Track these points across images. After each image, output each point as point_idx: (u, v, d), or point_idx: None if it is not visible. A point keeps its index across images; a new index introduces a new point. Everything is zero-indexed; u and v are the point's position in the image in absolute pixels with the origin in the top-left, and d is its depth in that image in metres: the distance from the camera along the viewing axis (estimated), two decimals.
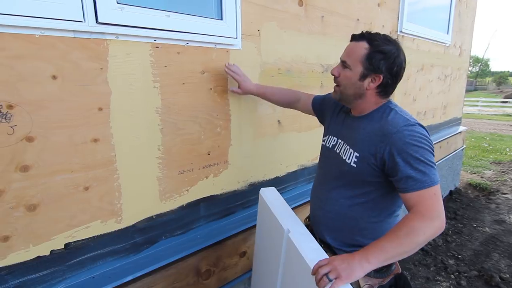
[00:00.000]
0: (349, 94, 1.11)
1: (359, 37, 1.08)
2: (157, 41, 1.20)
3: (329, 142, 1.24)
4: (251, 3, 1.50)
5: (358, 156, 1.05)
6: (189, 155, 1.39)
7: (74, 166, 1.07)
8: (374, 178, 1.05)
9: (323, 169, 1.25)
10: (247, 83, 1.45)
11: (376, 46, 1.02)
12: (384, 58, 1.02)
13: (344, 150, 1.12)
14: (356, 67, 1.06)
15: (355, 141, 1.09)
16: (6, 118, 0.92)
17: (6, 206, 0.96)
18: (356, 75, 1.06)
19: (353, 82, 1.08)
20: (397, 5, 2.68)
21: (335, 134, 1.22)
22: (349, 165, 1.08)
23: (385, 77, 1.04)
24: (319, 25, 1.90)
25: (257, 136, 1.67)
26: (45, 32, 0.95)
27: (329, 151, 1.21)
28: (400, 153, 0.95)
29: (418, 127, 0.99)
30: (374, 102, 1.10)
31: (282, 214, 1.18)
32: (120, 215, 1.21)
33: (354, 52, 1.06)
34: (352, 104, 1.15)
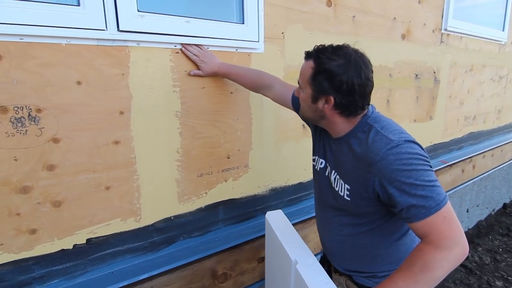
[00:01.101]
0: (310, 117, 1.01)
1: (307, 55, 0.94)
2: (177, 47, 1.23)
3: (317, 163, 1.13)
4: (275, 5, 1.47)
5: (350, 189, 0.94)
6: (208, 159, 1.41)
7: (96, 166, 1.13)
8: (373, 208, 0.94)
9: (319, 193, 1.15)
10: (208, 64, 1.28)
11: (320, 64, 0.89)
12: (327, 78, 0.87)
13: (334, 180, 1.01)
14: (306, 89, 0.95)
15: (342, 171, 0.97)
16: (35, 121, 1.00)
17: (33, 202, 1.04)
18: (308, 97, 0.95)
19: (308, 105, 0.97)
20: (441, 1, 2.48)
21: (322, 156, 1.10)
22: (343, 198, 0.97)
23: (336, 97, 0.89)
24: (349, 26, 1.82)
25: (280, 140, 1.65)
26: (71, 41, 1.02)
27: (320, 176, 1.10)
28: (391, 183, 0.82)
29: (403, 145, 0.83)
30: (345, 122, 0.95)
31: (289, 241, 1.12)
32: (139, 214, 1.26)
33: (303, 73, 0.95)
34: (322, 125, 1.02)
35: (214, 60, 1.30)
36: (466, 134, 3.16)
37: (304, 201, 1.84)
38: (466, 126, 3.13)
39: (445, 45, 2.58)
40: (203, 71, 1.29)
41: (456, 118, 2.96)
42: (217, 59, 1.31)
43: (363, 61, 0.90)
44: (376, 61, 2.01)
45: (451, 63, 2.70)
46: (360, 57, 0.90)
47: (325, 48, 0.91)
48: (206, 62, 1.28)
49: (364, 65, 0.89)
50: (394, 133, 0.87)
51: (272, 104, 1.56)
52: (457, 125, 3.01)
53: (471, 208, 3.44)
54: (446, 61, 2.64)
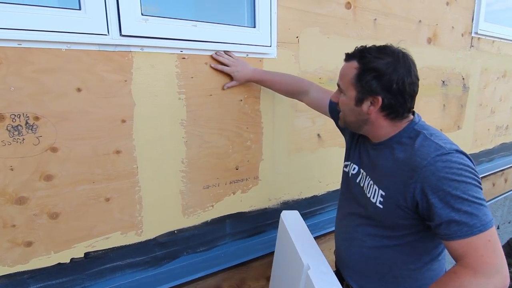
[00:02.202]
0: (352, 121, 0.94)
1: (349, 57, 0.90)
2: (183, 52, 1.17)
3: (350, 169, 1.05)
4: (289, 8, 1.39)
5: (384, 195, 0.86)
6: (215, 169, 1.33)
7: (96, 177, 1.08)
8: (407, 221, 0.85)
9: (346, 201, 1.07)
10: (241, 73, 1.24)
11: (365, 63, 0.84)
12: (376, 77, 0.83)
13: (368, 186, 0.93)
14: (349, 91, 0.89)
15: (378, 176, 0.90)
16: (32, 129, 0.96)
17: (30, 213, 1.00)
18: (351, 100, 0.89)
19: (350, 108, 0.91)
20: (471, 3, 2.31)
21: (356, 162, 1.03)
22: (374, 206, 0.89)
23: (385, 97, 0.84)
24: (370, 29, 1.71)
25: (293, 151, 1.55)
26: (71, 46, 0.98)
27: (351, 181, 1.03)
28: (435, 192, 0.75)
29: (456, 154, 0.77)
30: (389, 126, 0.89)
31: (303, 245, 1.04)
32: (140, 227, 1.20)
33: (345, 75, 0.90)
34: (363, 131, 0.95)
35: (246, 67, 1.26)
36: (498, 145, 2.94)
37: (318, 216, 1.73)
38: (497, 136, 2.91)
39: (475, 49, 2.40)
40: (238, 81, 1.27)
41: (486, 127, 2.76)
42: (249, 65, 1.28)
43: (411, 59, 0.87)
44: None
45: (482, 68, 2.52)
46: (407, 55, 0.86)
47: (368, 47, 0.87)
48: (239, 71, 1.24)
49: (412, 63, 0.86)
50: (444, 141, 0.82)
51: (285, 112, 1.47)
52: (487, 136, 2.81)
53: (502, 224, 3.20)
54: (476, 66, 2.46)
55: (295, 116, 1.52)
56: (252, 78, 1.28)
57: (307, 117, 1.55)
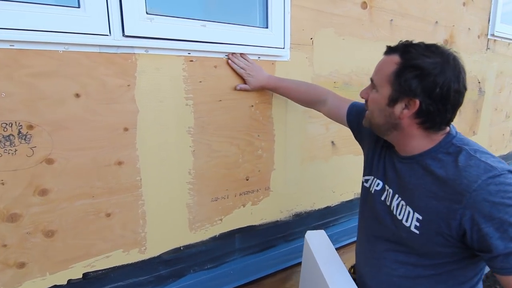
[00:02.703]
0: (379, 124, 0.83)
1: (391, 50, 0.79)
2: (191, 54, 1.08)
3: (372, 185, 0.93)
4: (303, 7, 1.30)
5: (422, 219, 0.75)
6: (224, 181, 1.24)
7: (95, 190, 0.99)
8: (449, 249, 0.74)
9: (369, 221, 0.94)
10: (254, 78, 1.17)
11: (409, 59, 0.73)
12: (418, 76, 0.72)
13: (398, 206, 0.82)
14: (383, 87, 0.78)
15: (412, 196, 0.78)
16: (25, 139, 0.87)
17: (23, 231, 0.91)
18: (383, 99, 0.78)
19: (380, 108, 0.80)
20: (488, 4, 2.22)
21: (380, 177, 0.91)
22: (408, 231, 0.78)
23: (424, 102, 0.72)
24: (386, 30, 1.62)
25: (306, 159, 1.45)
26: (69, 48, 0.89)
27: (374, 199, 0.90)
28: (489, 220, 0.65)
29: (508, 176, 0.67)
30: (422, 137, 0.78)
31: (331, 270, 0.93)
32: (144, 244, 1.10)
33: (382, 69, 0.79)
34: (389, 137, 0.85)
35: (261, 73, 1.20)
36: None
37: (332, 227, 1.63)
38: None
39: (491, 52, 2.31)
40: (250, 86, 1.19)
41: (501, 132, 2.66)
42: (265, 71, 1.22)
43: (462, 65, 0.76)
44: None
45: (497, 72, 2.42)
46: (458, 59, 0.76)
47: (415, 43, 0.76)
48: (253, 76, 1.18)
49: (462, 70, 0.76)
50: (493, 160, 0.70)
51: (298, 118, 1.38)
52: (502, 141, 2.71)
53: None
54: (492, 70, 2.36)
55: (309, 122, 1.42)
56: (266, 86, 1.22)
57: (321, 124, 1.46)
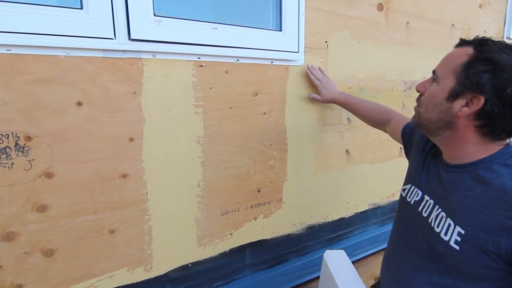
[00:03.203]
0: (430, 120, 0.75)
1: (465, 42, 0.72)
2: (201, 59, 1.01)
3: (411, 195, 0.86)
4: (318, 9, 1.23)
5: (464, 234, 0.67)
6: (235, 193, 1.16)
7: (98, 206, 0.92)
8: (492, 272, 0.65)
9: (401, 234, 0.87)
10: (329, 90, 1.23)
11: (483, 51, 0.66)
12: (491, 71, 0.64)
13: (437, 218, 0.74)
14: (447, 79, 0.71)
15: (454, 208, 0.71)
16: (23, 151, 0.80)
17: (20, 251, 0.84)
18: (443, 92, 0.71)
19: (437, 102, 0.72)
20: (503, 6, 2.14)
21: (421, 186, 0.83)
22: (446, 245, 0.70)
23: (489, 101, 0.65)
24: (403, 33, 1.54)
25: (320, 169, 1.38)
26: (71, 52, 0.82)
27: (411, 210, 0.83)
28: None
29: None
30: (478, 143, 0.70)
31: None
32: (150, 262, 1.03)
33: (450, 60, 0.72)
34: (438, 138, 0.77)
35: (334, 88, 1.27)
36: None
37: (345, 240, 1.55)
38: None
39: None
40: (323, 97, 1.25)
41: None
42: (337, 87, 1.28)
43: None
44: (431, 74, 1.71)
45: None
46: None
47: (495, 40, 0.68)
48: (327, 88, 1.24)
49: None
50: None
51: (311, 126, 1.31)
52: None
53: None
54: None
55: (323, 130, 1.35)
56: (337, 100, 1.26)
57: (335, 131, 1.39)
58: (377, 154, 1.58)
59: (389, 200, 1.70)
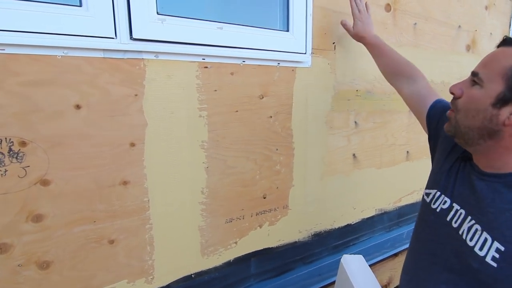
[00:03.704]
0: (471, 127, 0.69)
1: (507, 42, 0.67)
2: (206, 60, 0.96)
3: (436, 201, 0.80)
4: (326, 9, 1.19)
5: (504, 251, 0.62)
6: (240, 199, 1.11)
7: (97, 214, 0.87)
8: None
9: (424, 244, 0.81)
10: (364, 26, 1.15)
11: None
12: None
13: (470, 230, 0.69)
14: (493, 83, 0.65)
15: (494, 222, 0.66)
16: (17, 157, 0.75)
17: (14, 264, 0.78)
18: (489, 97, 0.65)
19: (481, 108, 0.66)
20: (508, 8, 2.12)
21: (448, 193, 0.78)
22: (481, 261, 0.65)
23: None
24: (410, 35, 1.51)
25: (326, 174, 1.33)
26: (69, 52, 0.77)
27: (437, 219, 0.78)
28: None
29: None
30: None
31: None
32: (151, 273, 0.98)
33: (497, 61, 0.66)
34: (476, 148, 0.71)
35: (370, 26, 1.18)
36: None
37: (352, 247, 1.51)
38: None
39: None
40: (355, 29, 1.17)
41: None
42: (373, 28, 1.19)
43: None
44: (438, 77, 1.68)
45: None
46: None
47: None
48: (363, 22, 1.16)
49: None
50: None
51: (318, 130, 1.26)
52: None
53: None
54: None
55: (330, 133, 1.31)
56: (368, 39, 1.17)
57: (342, 135, 1.34)
58: (384, 158, 1.54)
59: (396, 206, 1.66)
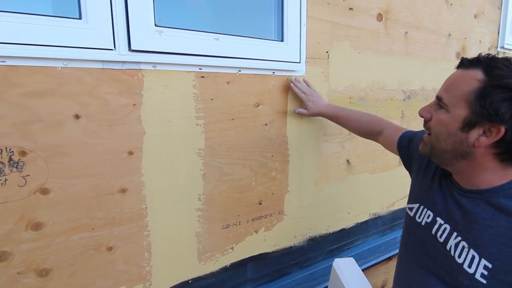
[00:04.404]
0: (444, 150, 0.71)
1: (470, 63, 0.67)
2: (202, 70, 0.99)
3: (420, 215, 0.82)
4: (319, 19, 1.22)
5: (491, 268, 0.63)
6: (236, 206, 1.13)
7: (96, 222, 0.88)
8: None
9: (415, 257, 0.82)
10: (315, 104, 1.17)
11: (497, 77, 0.62)
12: (509, 98, 0.61)
13: (457, 248, 0.70)
14: (457, 108, 0.66)
15: (479, 240, 0.67)
16: (17, 167, 0.76)
17: (13, 271, 0.79)
18: (456, 122, 0.67)
19: (450, 132, 0.68)
20: (497, 16, 2.18)
21: (430, 207, 0.80)
22: (471, 278, 0.66)
23: (510, 129, 0.61)
24: (401, 43, 1.55)
25: (321, 179, 1.36)
26: (69, 64, 0.79)
27: (425, 233, 0.79)
28: None
29: None
30: (497, 170, 0.67)
31: None
32: (149, 280, 0.99)
33: (457, 86, 0.67)
34: (452, 167, 0.74)
35: (321, 100, 1.21)
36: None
37: (346, 251, 1.53)
38: None
39: None
40: (309, 111, 1.19)
41: None
42: (323, 99, 1.23)
43: None
44: (429, 84, 1.72)
45: None
46: None
47: (501, 57, 0.64)
48: (313, 102, 1.18)
49: None
50: None
51: (312, 137, 1.29)
52: None
53: None
54: None
55: (324, 140, 1.34)
56: (325, 113, 1.20)
57: (336, 142, 1.37)
58: (377, 164, 1.57)
59: (389, 210, 1.69)
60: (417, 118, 1.69)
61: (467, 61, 0.68)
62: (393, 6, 1.46)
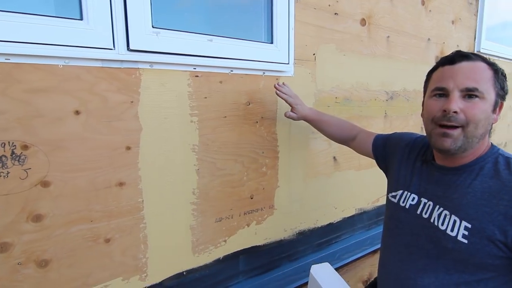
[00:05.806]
0: (479, 135, 0.76)
1: (471, 56, 0.77)
2: (197, 69, 1.04)
3: (404, 200, 0.90)
4: (306, 23, 1.29)
5: (471, 228, 0.72)
6: (229, 200, 1.18)
7: (94, 214, 0.91)
8: (498, 260, 0.71)
9: (400, 239, 0.89)
10: (302, 107, 1.20)
11: (493, 64, 0.78)
12: (505, 79, 0.79)
13: (440, 217, 0.79)
14: (489, 93, 0.75)
15: (458, 205, 0.77)
16: (19, 160, 0.79)
17: (13, 262, 0.82)
18: (490, 105, 0.76)
19: (488, 116, 0.76)
20: (473, 22, 2.31)
21: (415, 191, 0.89)
22: (454, 240, 0.74)
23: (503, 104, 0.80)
24: (383, 47, 1.64)
25: (309, 175, 1.42)
26: (70, 62, 0.83)
27: (408, 214, 0.87)
28: None
29: None
30: (484, 141, 0.80)
31: None
32: (145, 271, 1.03)
33: (481, 74, 0.75)
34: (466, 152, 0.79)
35: (304, 104, 1.23)
36: None
37: (334, 245, 1.59)
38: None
39: None
40: (298, 114, 1.20)
41: None
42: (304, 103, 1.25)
43: None
44: (411, 85, 1.82)
45: None
46: None
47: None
48: (300, 105, 1.20)
49: None
50: None
51: (301, 134, 1.35)
52: None
53: None
54: None
55: (312, 138, 1.40)
56: (308, 116, 1.22)
57: (323, 139, 1.44)
58: (362, 161, 1.65)
59: (374, 205, 1.76)
60: (399, 118, 1.79)
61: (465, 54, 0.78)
62: (375, 11, 1.55)
